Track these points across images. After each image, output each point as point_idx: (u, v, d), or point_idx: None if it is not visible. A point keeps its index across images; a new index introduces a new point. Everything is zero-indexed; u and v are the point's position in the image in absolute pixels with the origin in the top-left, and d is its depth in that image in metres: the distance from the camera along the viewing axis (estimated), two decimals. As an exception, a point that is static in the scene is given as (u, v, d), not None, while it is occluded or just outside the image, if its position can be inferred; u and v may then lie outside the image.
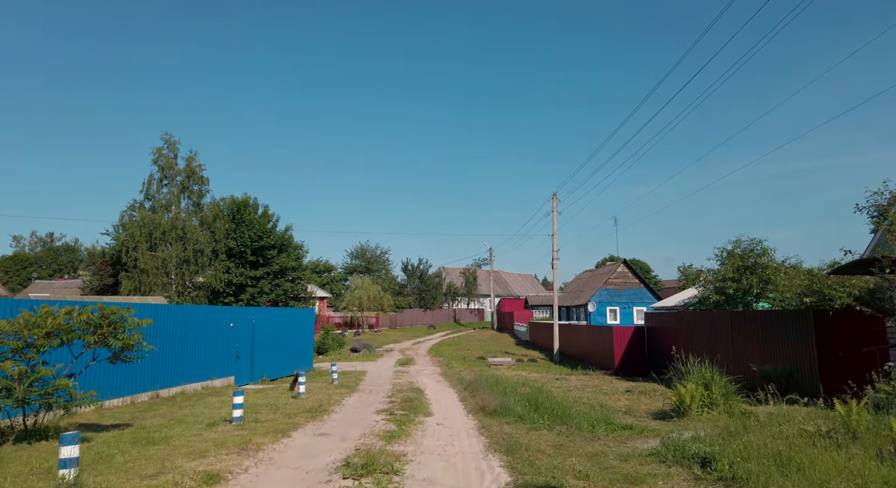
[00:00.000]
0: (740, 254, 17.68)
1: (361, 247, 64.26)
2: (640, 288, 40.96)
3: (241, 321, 17.46)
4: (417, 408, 12.07)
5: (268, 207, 42.22)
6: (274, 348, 19.31)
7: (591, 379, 19.75)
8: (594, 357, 24.59)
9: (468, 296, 68.59)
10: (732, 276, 17.39)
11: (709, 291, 18.33)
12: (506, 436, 9.10)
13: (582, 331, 27.14)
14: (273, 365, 19.14)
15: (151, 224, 35.50)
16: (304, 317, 22.06)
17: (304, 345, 21.67)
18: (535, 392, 13.35)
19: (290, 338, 20.50)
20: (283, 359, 19.90)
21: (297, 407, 11.73)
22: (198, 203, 38.52)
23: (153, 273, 35.26)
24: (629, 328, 21.85)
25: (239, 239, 40.15)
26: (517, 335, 44.51)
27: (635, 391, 16.41)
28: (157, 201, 37.07)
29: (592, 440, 9.10)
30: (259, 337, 18.40)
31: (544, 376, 20.81)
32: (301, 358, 21.45)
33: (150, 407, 12.04)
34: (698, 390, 11.21)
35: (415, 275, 62.66)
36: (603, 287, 40.78)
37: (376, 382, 17.85)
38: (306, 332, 21.94)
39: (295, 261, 43.15)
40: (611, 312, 40.73)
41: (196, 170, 37.95)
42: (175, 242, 36.54)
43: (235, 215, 40.63)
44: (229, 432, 8.75)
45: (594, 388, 17.24)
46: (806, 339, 13.29)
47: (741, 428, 8.50)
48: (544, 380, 19.08)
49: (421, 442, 8.69)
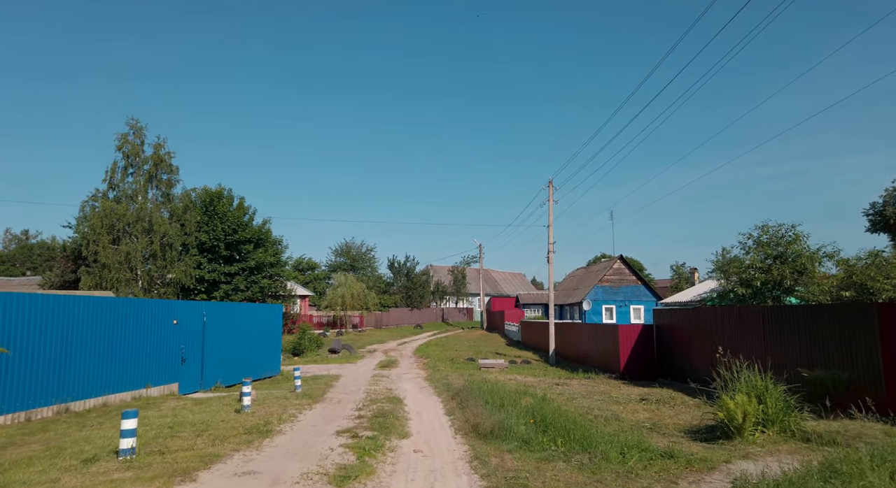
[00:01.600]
0: (767, 242, 15.17)
1: (346, 244, 61.31)
2: (637, 285, 38.49)
3: (189, 317, 14.61)
4: (391, 427, 9.33)
5: (243, 199, 39.25)
6: (231, 349, 16.46)
7: (595, 385, 17.16)
8: (595, 358, 22.00)
9: (457, 295, 65.80)
10: (760, 266, 14.86)
11: (731, 284, 15.77)
12: (509, 474, 6.42)
13: (581, 331, 24.56)
14: (230, 368, 16.30)
15: (114, 215, 32.31)
16: (270, 314, 19.21)
17: (269, 345, 18.82)
18: (539, 403, 10.65)
19: (252, 338, 17.66)
20: (244, 362, 17.06)
21: (234, 427, 8.94)
22: (167, 193, 35.40)
23: (116, 268, 32.11)
24: (636, 326, 19.27)
25: (211, 232, 37.08)
26: (508, 335, 41.90)
27: (651, 399, 13.83)
28: (121, 191, 33.91)
29: (628, 477, 6.46)
30: (212, 336, 15.55)
31: (542, 381, 18.18)
32: (266, 360, 18.60)
33: (45, 427, 9.17)
34: (751, 404, 8.58)
35: (401, 273, 59.74)
36: (598, 284, 38.27)
37: (348, 389, 15.09)
38: (273, 331, 19.09)
39: (273, 256, 40.14)
40: (606, 311, 38.23)
41: (165, 158, 34.83)
42: (141, 235, 33.42)
43: (208, 207, 37.56)
44: (104, 474, 5.96)
45: (602, 395, 14.64)
46: (868, 338, 10.74)
47: (843, 461, 5.90)
48: (544, 386, 16.45)
49: (388, 486, 5.99)
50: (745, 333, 13.90)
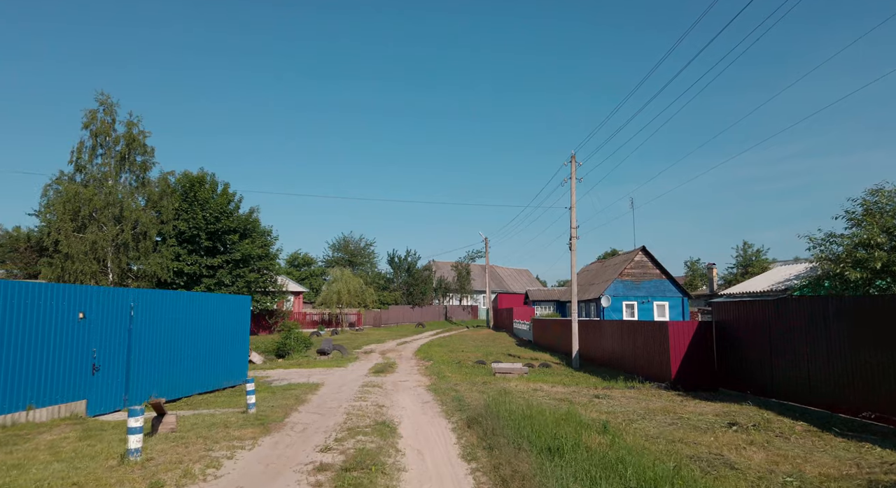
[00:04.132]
0: (887, 211, 11.12)
1: (344, 238, 57.20)
2: (661, 279, 34.36)
3: (107, 309, 10.62)
4: (369, 491, 5.35)
5: (228, 185, 35.14)
6: (176, 352, 12.47)
7: (646, 398, 13.12)
8: (630, 362, 17.98)
9: (460, 292, 61.65)
10: (879, 242, 10.84)
11: (838, 267, 11.65)
12: None
13: (610, 329, 20.52)
14: (174, 377, 12.31)
15: (78, 199, 28.32)
16: (235, 308, 15.18)
17: (233, 346, 14.82)
18: (611, 442, 6.60)
19: (208, 337, 13.67)
20: (195, 369, 13.07)
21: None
22: (142, 177, 31.42)
23: (81, 259, 28.10)
24: (690, 323, 15.22)
25: (191, 220, 33.03)
26: (517, 334, 37.83)
27: (741, 423, 9.79)
28: (89, 173, 29.95)
29: None
30: (145, 334, 11.56)
31: (576, 392, 14.15)
32: (228, 365, 14.59)
33: None
34: None
35: (402, 269, 55.62)
36: (618, 278, 34.16)
37: (325, 406, 11.08)
38: (238, 329, 15.09)
39: (261, 248, 36.08)
40: (627, 308, 34.12)
41: (138, 137, 30.78)
42: (110, 223, 29.47)
43: (188, 193, 33.51)
44: None
45: (667, 416, 10.61)
46: None
47: None
48: (582, 399, 12.43)
49: None
50: (870, 334, 9.83)
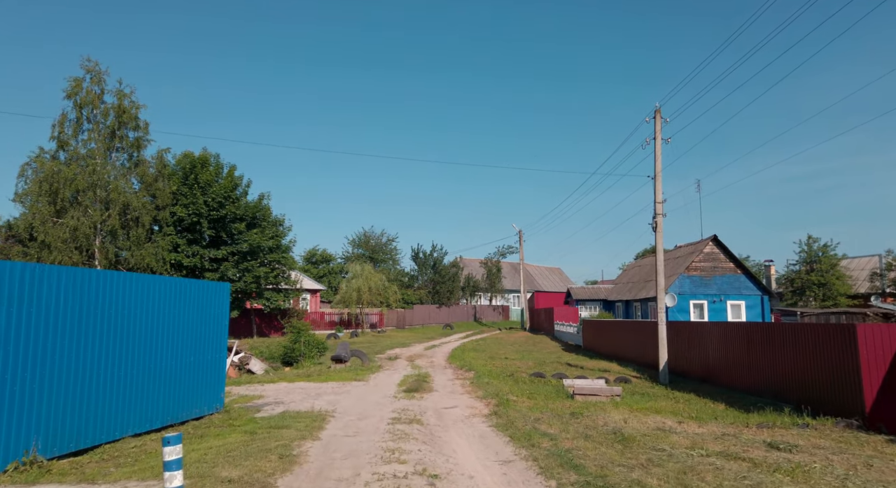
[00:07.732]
0: None
1: (365, 233, 52.45)
2: (735, 274, 28.63)
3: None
4: None
5: (234, 168, 30.40)
6: (103, 366, 7.64)
7: (849, 447, 7.84)
8: (761, 381, 12.68)
9: (490, 291, 56.38)
10: None
11: None
12: None
13: (719, 333, 15.16)
14: (79, 412, 7.46)
15: (57, 179, 24.03)
16: (199, 298, 10.20)
17: (196, 356, 9.92)
18: None
19: (150, 342, 8.81)
20: (123, 394, 8.20)
21: None
22: (134, 156, 27.05)
23: (60, 248, 23.78)
24: (893, 328, 9.86)
25: (191, 206, 28.41)
26: (560, 337, 32.50)
27: None
28: (73, 150, 25.70)
29: None
30: (38, 337, 6.76)
31: (717, 433, 8.90)
32: (187, 385, 9.67)
33: None
34: None
35: (427, 265, 50.59)
36: (685, 273, 28.60)
37: (328, 480, 6.13)
38: (204, 330, 10.18)
39: (272, 239, 31.36)
40: (695, 308, 28.49)
41: (129, 110, 26.37)
42: (94, 207, 25.17)
43: (188, 175, 28.96)
44: None
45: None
46: None
47: None
48: (751, 453, 7.21)
49: None
50: None
